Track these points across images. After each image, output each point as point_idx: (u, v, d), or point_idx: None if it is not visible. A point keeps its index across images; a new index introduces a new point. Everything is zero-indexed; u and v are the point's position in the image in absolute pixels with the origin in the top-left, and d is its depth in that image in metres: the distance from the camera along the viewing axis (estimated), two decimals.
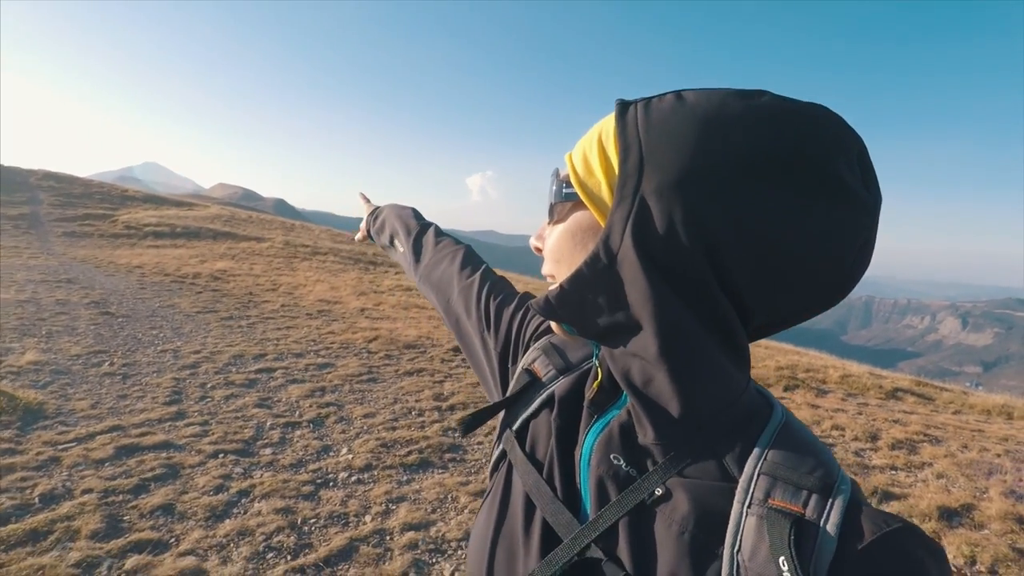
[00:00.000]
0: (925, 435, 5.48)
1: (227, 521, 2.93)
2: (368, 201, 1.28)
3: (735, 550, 0.43)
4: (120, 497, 3.01)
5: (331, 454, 3.85)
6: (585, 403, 0.58)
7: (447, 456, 3.99)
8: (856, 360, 10.57)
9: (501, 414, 0.69)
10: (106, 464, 3.33)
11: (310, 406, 4.63)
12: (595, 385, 0.57)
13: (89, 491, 3.01)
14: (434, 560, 2.84)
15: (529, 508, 0.57)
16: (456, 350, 6.93)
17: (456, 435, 4.36)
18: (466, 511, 3.30)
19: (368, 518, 3.12)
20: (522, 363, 0.69)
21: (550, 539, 0.53)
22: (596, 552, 0.49)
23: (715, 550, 0.44)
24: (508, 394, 0.67)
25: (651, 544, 0.47)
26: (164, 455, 3.52)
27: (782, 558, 0.40)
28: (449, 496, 3.45)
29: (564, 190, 0.53)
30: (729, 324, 0.46)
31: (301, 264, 13.81)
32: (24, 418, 3.77)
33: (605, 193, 0.48)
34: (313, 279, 11.79)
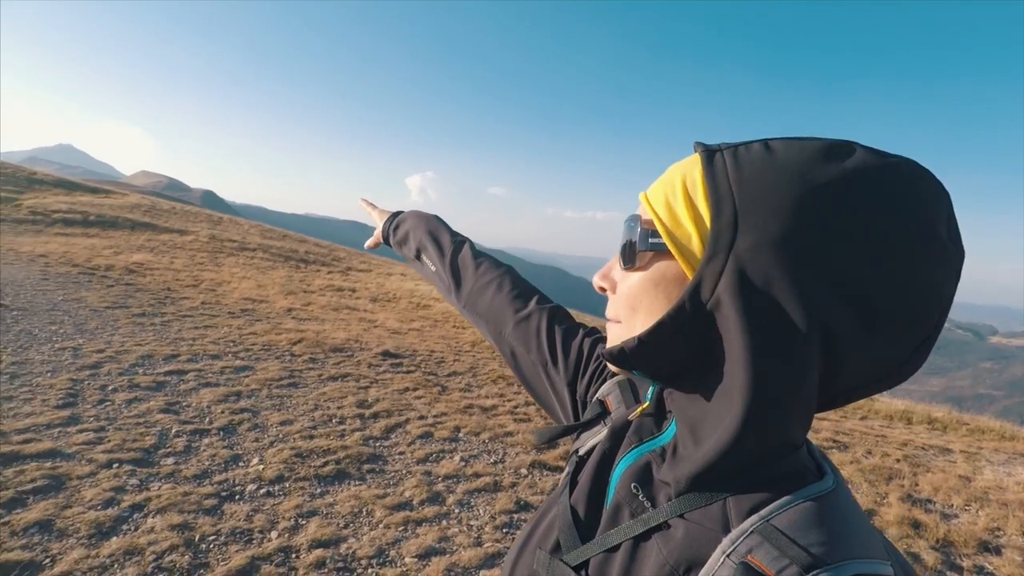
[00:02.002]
0: (834, 441, 5.78)
1: (114, 539, 2.69)
2: (375, 207, 1.24)
3: None
4: None
5: (240, 464, 3.63)
6: (631, 430, 0.61)
7: (366, 467, 3.85)
8: None
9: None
10: None
11: (222, 412, 4.37)
12: (639, 411, 0.61)
13: None
14: None
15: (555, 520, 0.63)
16: (384, 355, 6.76)
17: (377, 445, 4.23)
18: (380, 525, 3.18)
19: (274, 534, 2.95)
20: (599, 394, 0.73)
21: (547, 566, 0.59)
22: (585, 573, 0.54)
23: None
24: (580, 421, 0.72)
25: (638, 569, 0.50)
26: (49, 464, 3.21)
27: None
28: (364, 510, 3.32)
29: (651, 239, 0.52)
30: (811, 382, 0.46)
31: (227, 260, 13.17)
32: None
33: (696, 246, 0.49)
34: (239, 276, 11.26)
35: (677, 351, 0.51)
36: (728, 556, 0.44)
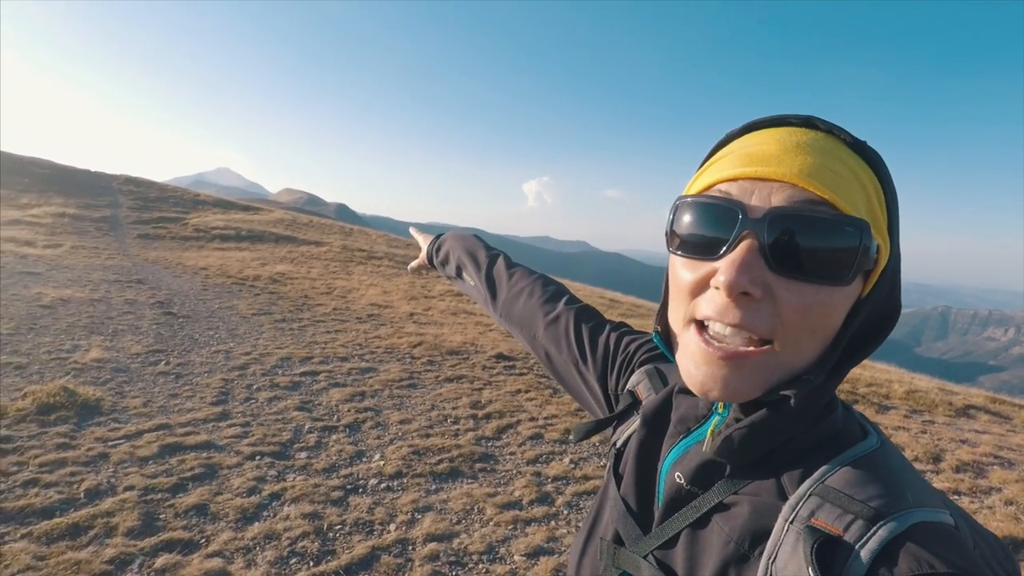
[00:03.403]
0: (996, 457, 5.05)
1: (256, 524, 3.00)
2: (421, 233, 1.32)
3: (771, 560, 0.45)
4: (159, 495, 3.13)
5: (364, 460, 3.89)
6: (672, 421, 0.60)
7: (477, 466, 3.96)
8: (930, 374, 9.89)
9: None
10: (150, 462, 3.48)
11: (348, 410, 4.71)
12: (712, 429, 0.55)
13: (131, 488, 3.15)
14: (453, 573, 2.81)
15: (612, 516, 0.63)
16: (498, 357, 6.92)
17: (489, 445, 4.33)
18: (491, 523, 3.25)
19: (393, 527, 3.13)
20: (628, 385, 0.74)
21: (614, 556, 0.60)
22: (651, 560, 0.55)
23: (753, 559, 0.47)
24: (613, 413, 0.73)
25: (702, 551, 0.51)
26: (204, 455, 3.65)
27: (809, 569, 0.41)
28: (475, 507, 3.42)
29: (872, 254, 0.47)
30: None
31: (356, 268, 14.18)
32: (81, 414, 3.99)
33: (883, 258, 0.49)
34: (367, 283, 12.07)
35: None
36: (791, 523, 0.45)
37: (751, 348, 0.46)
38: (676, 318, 0.53)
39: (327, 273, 12.71)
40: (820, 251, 0.44)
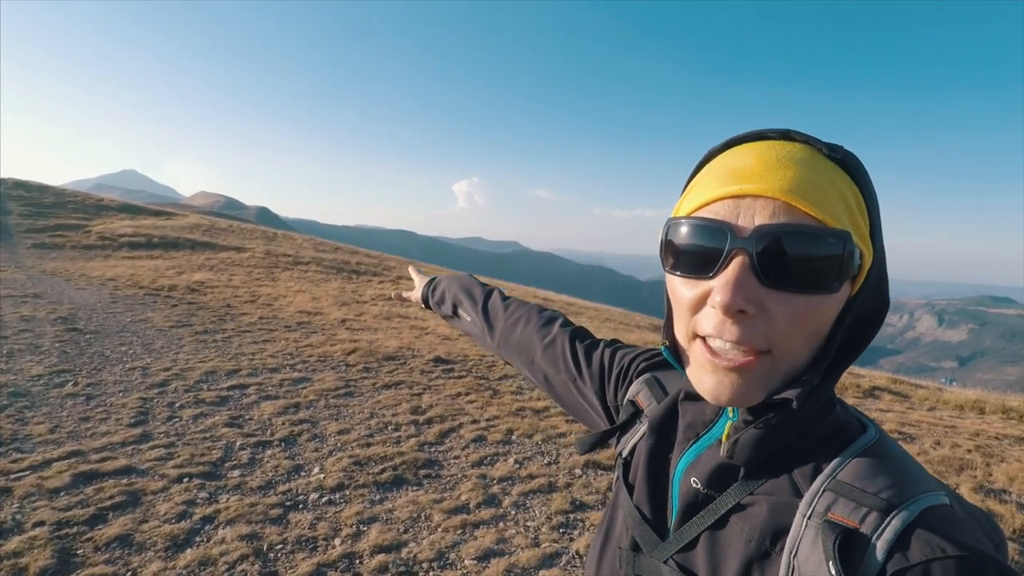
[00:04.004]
0: (900, 433, 5.50)
1: (188, 551, 2.81)
2: (419, 272, 1.35)
3: (792, 555, 0.48)
4: (74, 529, 2.87)
5: (302, 474, 3.73)
6: (680, 428, 0.62)
7: (422, 472, 3.90)
8: None
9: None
10: (61, 493, 3.18)
11: (283, 424, 4.51)
12: (727, 434, 0.57)
13: (41, 523, 2.86)
14: None
15: (625, 526, 0.65)
16: (436, 361, 6.84)
17: (432, 450, 4.27)
18: (439, 529, 3.21)
19: (338, 541, 3.02)
20: (628, 395, 0.76)
21: (635, 564, 0.61)
22: (672, 565, 0.57)
23: (775, 555, 0.49)
24: (616, 424, 0.76)
25: (723, 551, 0.53)
26: (125, 481, 3.38)
27: (830, 563, 0.44)
28: (422, 515, 3.36)
29: (856, 262, 0.50)
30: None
31: (282, 274, 13.62)
32: None
33: (867, 264, 0.51)
34: (294, 289, 11.62)
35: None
36: (809, 518, 0.48)
37: (751, 358, 0.49)
38: (681, 334, 0.55)
39: (251, 280, 12.13)
40: (807, 263, 0.47)
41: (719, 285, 0.48)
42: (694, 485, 0.58)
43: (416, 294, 1.29)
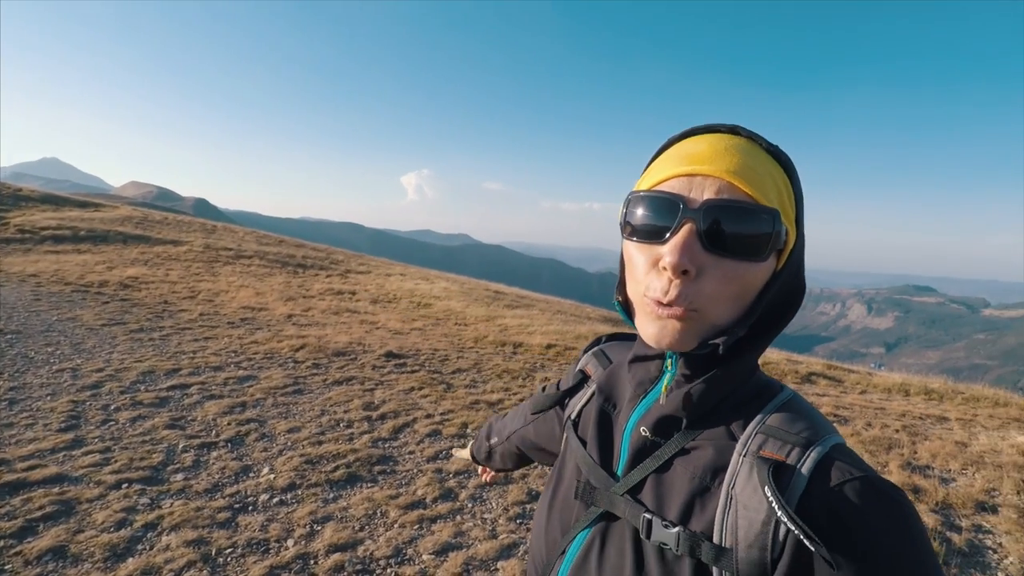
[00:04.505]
0: (835, 416, 5.80)
1: (130, 560, 2.67)
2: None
3: (730, 487, 0.57)
4: (0, 543, 2.68)
5: (251, 475, 3.61)
6: (632, 386, 0.70)
7: (376, 469, 3.84)
8: (776, 347, 11.13)
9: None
10: None
11: (228, 424, 4.34)
12: (667, 385, 0.65)
13: None
14: None
15: (578, 476, 0.72)
16: (388, 356, 6.75)
17: (386, 446, 4.21)
18: (396, 525, 3.17)
19: (291, 543, 2.94)
20: (578, 366, 0.86)
21: (592, 496, 0.69)
22: (627, 498, 0.64)
23: (715, 488, 0.58)
24: (565, 388, 0.85)
25: (668, 489, 0.61)
26: (56, 490, 3.17)
27: (766, 487, 0.53)
28: (378, 511, 3.31)
29: (782, 238, 0.59)
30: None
31: (223, 269, 13.09)
32: None
33: (791, 241, 0.61)
34: (237, 284, 11.21)
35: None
36: (744, 456, 0.58)
37: (689, 311, 0.57)
38: (633, 292, 0.64)
39: (189, 275, 11.61)
40: (743, 234, 0.56)
41: (669, 248, 0.56)
42: (643, 433, 0.66)
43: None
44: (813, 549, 0.50)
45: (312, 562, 2.80)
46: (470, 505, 3.47)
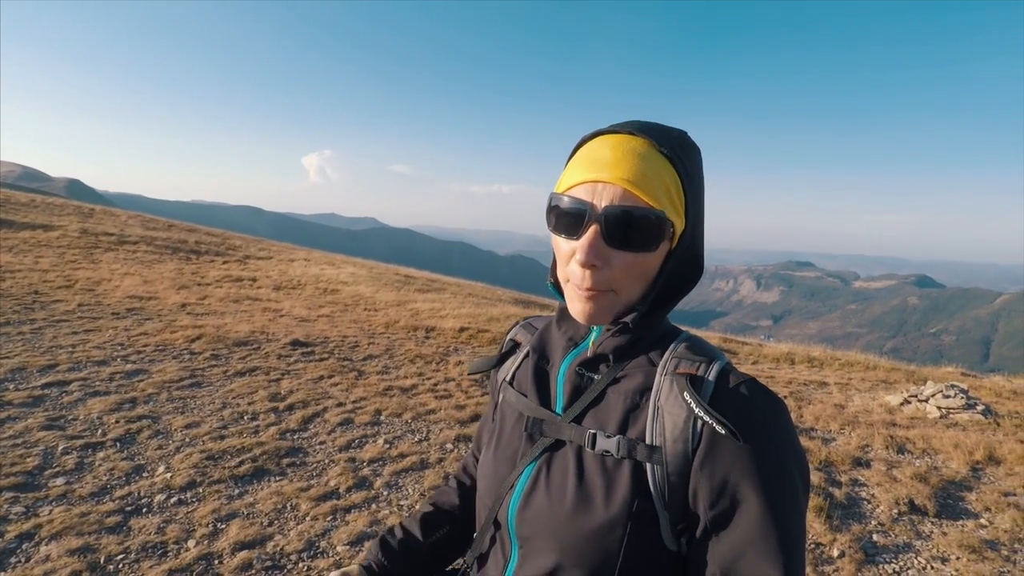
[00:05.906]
0: None
1: (2, 574, 2.43)
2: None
3: (656, 400, 0.72)
4: None
5: (144, 475, 3.37)
6: (564, 339, 0.84)
7: (285, 461, 3.70)
8: (675, 322, 11.80)
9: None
10: None
11: (116, 421, 4.01)
12: (593, 343, 0.80)
13: None
14: None
15: (519, 422, 0.83)
16: (294, 344, 6.50)
17: (295, 437, 4.07)
18: (307, 518, 3.08)
19: (192, 543, 2.78)
20: (508, 336, 0.98)
21: (540, 428, 0.80)
22: (572, 424, 0.76)
23: (643, 404, 0.73)
24: (499, 354, 0.96)
25: (606, 414, 0.75)
26: None
27: (685, 393, 0.69)
28: (288, 505, 3.20)
29: (669, 230, 0.72)
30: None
31: (105, 255, 11.97)
32: None
33: (679, 228, 0.74)
34: (121, 272, 10.30)
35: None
36: (665, 375, 0.73)
37: (602, 293, 0.72)
38: (561, 275, 0.78)
39: (64, 263, 10.51)
40: (636, 231, 0.69)
41: (579, 247, 0.70)
42: (578, 372, 0.80)
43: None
44: (723, 431, 0.65)
45: (217, 562, 2.67)
46: (386, 493, 3.44)
